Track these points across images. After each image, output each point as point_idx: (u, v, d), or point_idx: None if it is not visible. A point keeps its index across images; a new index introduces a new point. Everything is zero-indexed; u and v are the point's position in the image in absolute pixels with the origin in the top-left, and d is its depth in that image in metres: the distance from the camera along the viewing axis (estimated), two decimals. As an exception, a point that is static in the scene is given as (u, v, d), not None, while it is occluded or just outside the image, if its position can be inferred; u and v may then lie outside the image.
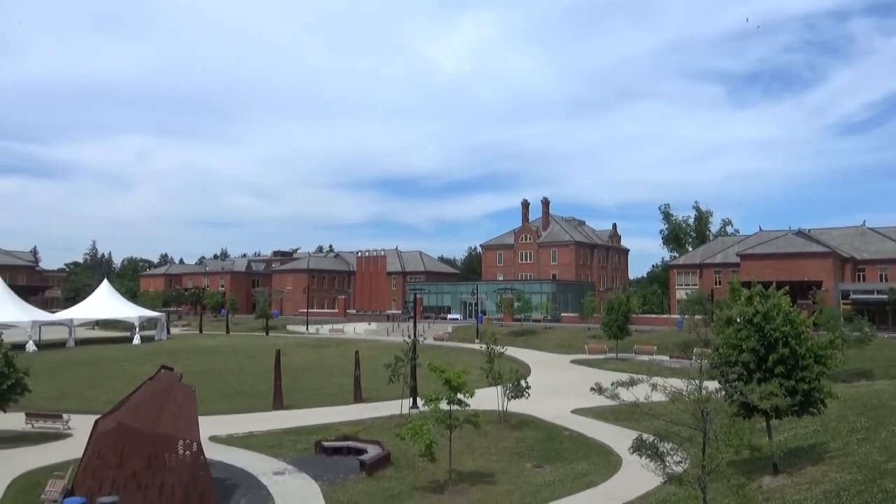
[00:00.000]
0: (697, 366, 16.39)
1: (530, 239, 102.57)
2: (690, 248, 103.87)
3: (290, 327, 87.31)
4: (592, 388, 15.71)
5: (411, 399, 30.42)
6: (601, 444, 24.88)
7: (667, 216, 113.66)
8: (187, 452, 17.59)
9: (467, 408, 21.13)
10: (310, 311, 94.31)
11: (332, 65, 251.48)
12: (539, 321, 74.02)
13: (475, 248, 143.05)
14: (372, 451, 22.64)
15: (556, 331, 66.90)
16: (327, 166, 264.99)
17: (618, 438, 24.80)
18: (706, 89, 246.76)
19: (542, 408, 30.30)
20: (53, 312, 73.37)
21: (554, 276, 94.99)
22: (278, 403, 32.29)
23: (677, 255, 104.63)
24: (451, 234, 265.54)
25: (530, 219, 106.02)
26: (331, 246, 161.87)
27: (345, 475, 21.04)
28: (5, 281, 68.19)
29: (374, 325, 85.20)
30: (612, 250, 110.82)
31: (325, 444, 23.86)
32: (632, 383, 14.56)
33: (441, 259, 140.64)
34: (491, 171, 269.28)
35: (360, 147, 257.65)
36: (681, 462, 14.56)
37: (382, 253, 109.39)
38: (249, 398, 35.21)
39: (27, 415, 27.23)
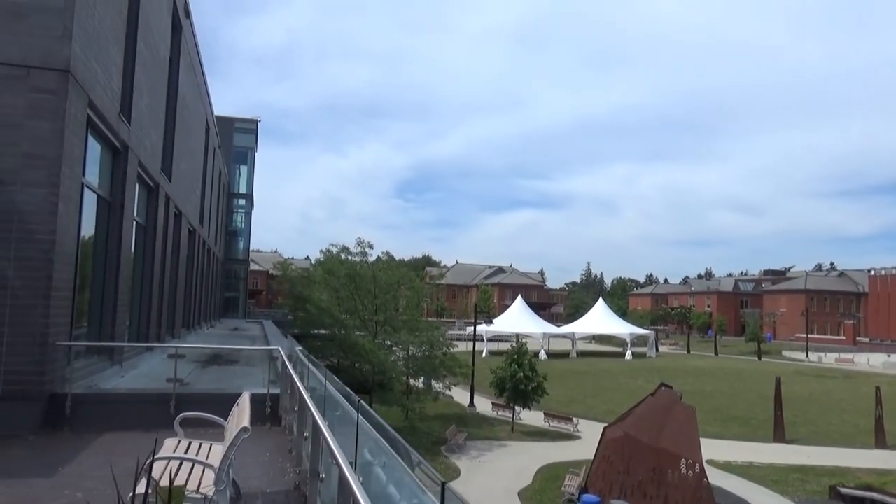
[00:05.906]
0: None
1: None
2: None
3: (785, 353, 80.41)
4: None
5: (961, 454, 24.29)
6: None
7: None
8: (690, 472, 17.65)
9: None
10: (809, 336, 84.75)
11: (830, 54, 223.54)
12: None
13: None
14: (907, 510, 18.84)
15: None
16: (824, 172, 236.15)
17: None
18: None
19: None
20: (558, 326, 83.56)
21: None
22: (779, 435, 29.80)
23: None
24: None
25: None
26: (832, 263, 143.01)
27: (871, 531, 18.02)
28: (522, 297, 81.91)
29: (894, 357, 71.34)
30: None
31: (843, 490, 20.85)
32: None
33: None
34: None
35: (867, 147, 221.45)
36: None
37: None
38: (745, 425, 33.42)
39: (545, 414, 31.54)
